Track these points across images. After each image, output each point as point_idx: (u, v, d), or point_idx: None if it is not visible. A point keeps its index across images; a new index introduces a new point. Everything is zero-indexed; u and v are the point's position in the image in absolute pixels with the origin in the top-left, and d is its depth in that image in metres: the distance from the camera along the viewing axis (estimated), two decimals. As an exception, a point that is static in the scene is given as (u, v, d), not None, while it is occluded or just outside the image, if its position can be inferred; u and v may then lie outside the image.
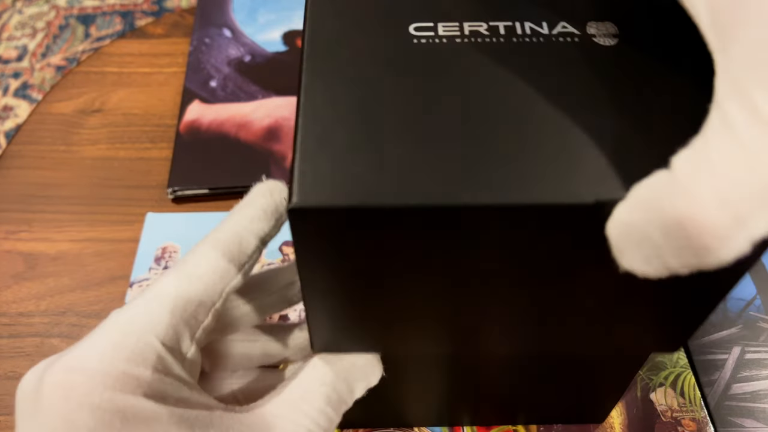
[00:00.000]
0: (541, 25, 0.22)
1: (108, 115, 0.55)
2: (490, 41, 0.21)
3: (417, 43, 0.22)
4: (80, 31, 1.57)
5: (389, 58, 0.21)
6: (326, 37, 0.22)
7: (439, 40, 0.22)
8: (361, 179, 0.18)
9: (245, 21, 0.61)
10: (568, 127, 0.19)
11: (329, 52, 0.21)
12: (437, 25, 0.22)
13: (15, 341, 0.41)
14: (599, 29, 0.22)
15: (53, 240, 0.47)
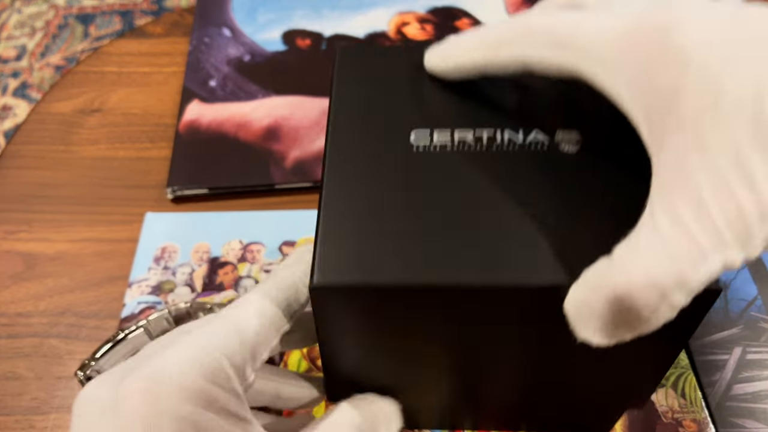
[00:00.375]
0: (518, 132, 0.26)
1: (107, 115, 0.55)
2: (475, 149, 0.26)
3: (416, 151, 0.26)
4: (79, 30, 1.56)
5: (394, 163, 0.26)
6: (345, 144, 0.26)
7: (434, 148, 0.26)
8: (369, 263, 0.23)
9: (245, 20, 0.61)
10: (535, 223, 0.23)
11: (347, 158, 0.26)
12: (433, 132, 0.26)
13: (14, 341, 0.41)
14: (564, 137, 0.26)
15: (52, 240, 0.46)
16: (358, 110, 0.28)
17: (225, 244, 0.45)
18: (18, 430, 0.37)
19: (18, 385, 0.39)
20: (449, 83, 0.28)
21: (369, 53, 0.30)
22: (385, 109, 0.28)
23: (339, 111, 0.28)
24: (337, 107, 0.28)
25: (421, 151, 0.26)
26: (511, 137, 0.26)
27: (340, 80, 0.29)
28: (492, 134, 0.26)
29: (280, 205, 0.48)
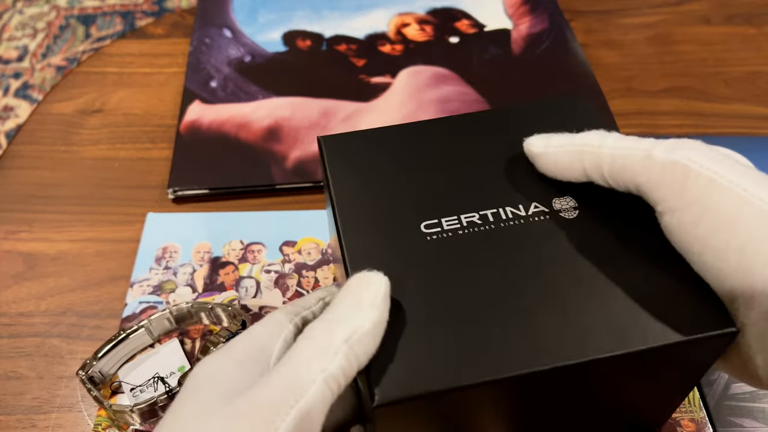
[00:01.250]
0: (519, 207, 0.27)
1: (108, 116, 0.55)
2: (484, 229, 0.27)
3: (429, 239, 0.26)
4: (81, 31, 1.57)
5: (412, 257, 0.26)
6: (362, 246, 0.27)
7: (446, 234, 0.27)
8: (424, 370, 0.23)
9: (245, 21, 0.61)
10: (565, 294, 0.25)
11: (368, 261, 0.26)
12: (441, 221, 0.27)
13: (15, 341, 0.41)
14: (562, 204, 0.28)
15: (53, 240, 0.47)
16: (364, 206, 0.28)
17: (226, 244, 0.45)
18: (19, 429, 0.38)
19: (19, 384, 0.39)
20: (437, 167, 0.29)
21: (353, 140, 0.31)
22: (388, 201, 0.28)
23: (345, 211, 0.28)
24: (342, 206, 0.28)
25: (435, 239, 0.26)
26: (514, 212, 0.27)
27: (336, 176, 0.29)
28: (496, 212, 0.27)
29: (281, 205, 0.48)
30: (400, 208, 0.28)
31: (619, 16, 0.63)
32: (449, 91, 0.54)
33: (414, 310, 0.24)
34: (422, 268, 0.26)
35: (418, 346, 0.23)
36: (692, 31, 0.61)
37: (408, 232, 0.27)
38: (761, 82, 0.56)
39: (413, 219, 0.27)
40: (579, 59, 0.56)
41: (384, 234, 0.27)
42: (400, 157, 0.30)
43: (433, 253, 0.26)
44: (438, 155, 0.30)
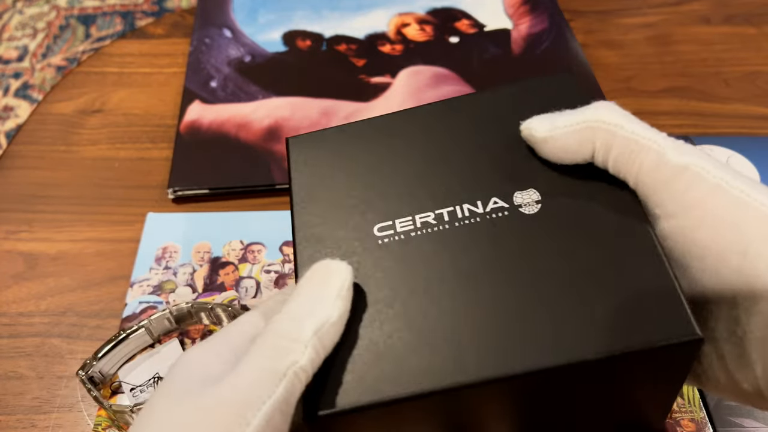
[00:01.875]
0: (476, 204, 0.26)
1: (108, 116, 0.55)
2: (439, 229, 0.25)
3: (381, 243, 0.25)
4: (81, 31, 1.57)
5: (364, 261, 0.25)
6: (311, 251, 0.26)
7: (398, 237, 0.25)
8: (369, 380, 0.22)
9: (245, 21, 0.61)
10: (506, 298, 0.23)
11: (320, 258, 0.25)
12: (395, 222, 0.26)
13: (15, 341, 0.41)
14: (524, 198, 0.26)
15: (53, 240, 0.47)
16: (320, 206, 0.27)
17: (226, 244, 0.45)
18: (20, 429, 0.38)
19: (19, 384, 0.39)
20: (396, 165, 0.28)
21: (317, 140, 0.30)
22: (346, 204, 0.27)
23: (301, 215, 0.27)
24: (298, 210, 0.27)
25: (387, 242, 0.25)
26: (471, 210, 0.26)
27: (297, 175, 0.28)
28: (452, 210, 0.26)
29: (281, 205, 0.48)
30: (356, 211, 0.27)
31: (619, 16, 0.63)
32: (449, 90, 0.54)
33: (358, 318, 0.23)
34: (370, 275, 0.25)
35: (358, 357, 0.22)
36: (692, 31, 0.61)
37: (362, 236, 0.26)
38: (761, 82, 0.56)
39: (368, 221, 0.26)
40: (579, 59, 0.56)
41: (337, 238, 0.26)
42: (364, 154, 0.29)
43: (385, 257, 0.25)
44: (404, 150, 0.28)
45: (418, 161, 0.28)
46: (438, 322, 0.23)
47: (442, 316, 0.23)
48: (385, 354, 0.22)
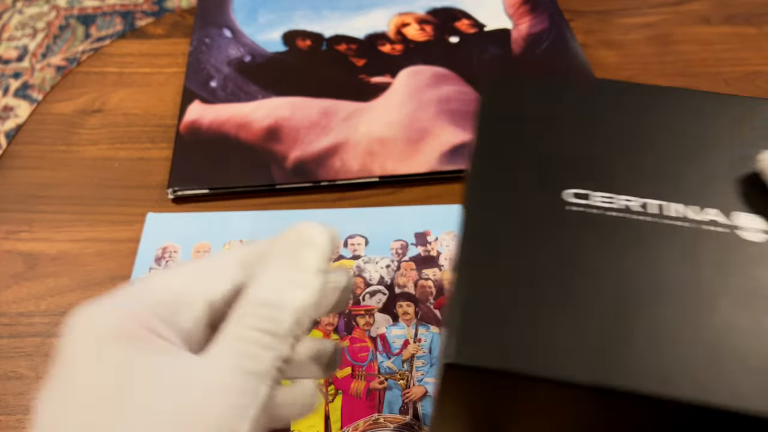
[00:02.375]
0: (692, 209, 0.23)
1: (108, 116, 0.55)
2: (640, 219, 0.23)
3: (569, 210, 0.23)
4: (80, 31, 1.57)
5: (543, 224, 0.22)
6: (488, 193, 0.23)
7: (590, 210, 0.23)
8: (516, 348, 0.20)
9: (245, 21, 0.61)
10: (705, 323, 0.20)
11: (490, 210, 0.23)
12: (590, 194, 0.23)
13: (15, 341, 0.41)
14: (749, 223, 0.23)
15: (53, 240, 0.47)
16: (506, 155, 0.25)
17: (225, 243, 0.45)
18: (20, 429, 0.38)
19: (20, 384, 0.39)
20: (615, 136, 0.25)
21: (521, 87, 0.27)
22: (537, 157, 0.25)
23: (484, 152, 0.25)
24: (482, 147, 0.25)
25: (575, 211, 0.23)
26: (681, 212, 0.23)
27: (487, 115, 0.26)
28: (661, 205, 0.23)
29: (281, 205, 0.48)
30: (550, 168, 0.24)
31: (619, 16, 0.63)
32: (449, 90, 0.54)
33: (525, 281, 0.21)
34: (550, 237, 0.22)
35: (518, 321, 0.20)
36: (692, 31, 0.61)
37: (549, 195, 0.23)
38: (761, 82, 0.56)
39: (559, 182, 0.24)
40: (579, 59, 0.56)
41: (519, 187, 0.24)
42: (575, 115, 0.26)
43: (568, 225, 0.22)
44: (623, 125, 0.25)
45: (632, 142, 0.25)
46: (616, 316, 0.21)
47: (619, 311, 0.21)
48: (544, 330, 0.20)
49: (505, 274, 0.21)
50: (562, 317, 0.20)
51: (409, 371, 0.39)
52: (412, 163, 0.49)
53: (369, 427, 0.37)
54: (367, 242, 0.45)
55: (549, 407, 0.22)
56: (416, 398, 0.38)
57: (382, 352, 0.40)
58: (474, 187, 0.24)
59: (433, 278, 0.43)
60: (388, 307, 0.42)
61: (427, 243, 0.45)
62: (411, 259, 0.44)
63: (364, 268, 0.44)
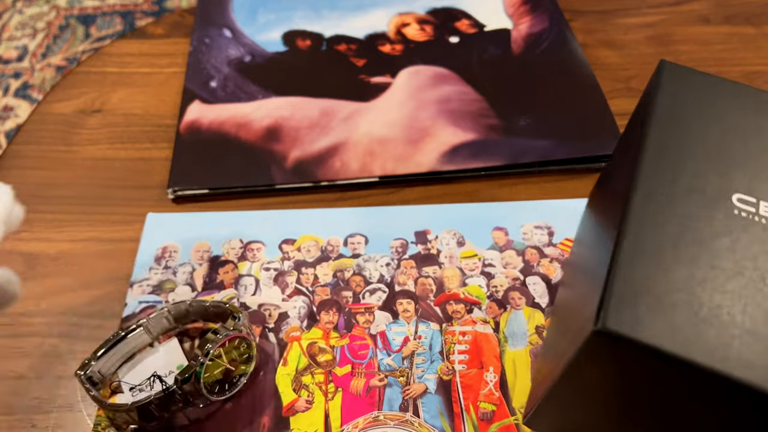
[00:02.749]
0: None
1: (108, 116, 0.55)
2: None
3: (738, 214, 0.23)
4: (80, 31, 1.57)
5: (711, 223, 0.23)
6: (657, 188, 0.24)
7: (757, 217, 0.23)
8: (662, 325, 0.20)
9: (245, 21, 0.61)
10: None
11: (656, 203, 0.23)
12: (759, 202, 0.24)
13: (15, 341, 0.41)
14: None
15: (53, 240, 0.47)
16: (677, 151, 0.25)
17: (225, 242, 0.45)
18: (19, 428, 0.38)
19: (19, 384, 0.39)
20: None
21: (701, 82, 0.27)
22: (711, 155, 0.25)
23: (656, 143, 0.25)
24: (655, 137, 0.25)
25: (743, 217, 0.23)
26: None
27: (663, 105, 0.26)
28: None
29: (281, 205, 0.48)
30: (719, 170, 0.24)
31: (618, 16, 0.63)
32: (449, 90, 0.54)
33: (693, 270, 0.22)
34: (716, 236, 0.23)
35: (678, 307, 0.21)
36: (692, 31, 0.61)
37: (717, 196, 0.24)
38: (761, 82, 0.56)
39: (729, 186, 0.24)
40: (579, 59, 0.56)
41: (689, 184, 0.24)
42: (749, 117, 0.26)
43: (738, 229, 0.23)
44: None
45: None
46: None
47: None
48: (707, 320, 0.21)
49: (667, 262, 0.22)
50: (718, 307, 0.21)
51: (409, 368, 0.39)
52: (412, 163, 0.49)
53: (369, 424, 0.37)
54: (367, 241, 0.45)
55: (672, 405, 0.22)
56: (416, 395, 0.38)
57: (382, 349, 0.40)
58: (645, 175, 0.24)
59: (432, 276, 0.43)
60: (388, 304, 0.42)
61: (427, 241, 0.45)
62: (411, 257, 0.44)
63: (364, 267, 0.44)
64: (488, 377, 0.39)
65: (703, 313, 0.21)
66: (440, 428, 0.36)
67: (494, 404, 0.37)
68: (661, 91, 0.27)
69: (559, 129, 0.50)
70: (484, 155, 0.49)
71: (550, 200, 0.47)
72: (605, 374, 0.23)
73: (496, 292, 0.42)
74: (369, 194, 0.49)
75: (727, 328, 0.21)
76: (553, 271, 0.43)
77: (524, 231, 0.46)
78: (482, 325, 0.41)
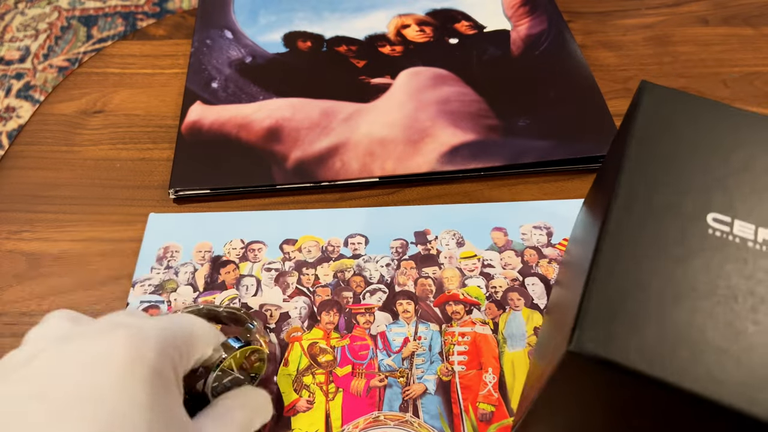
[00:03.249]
0: None
1: (110, 116, 0.55)
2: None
3: (711, 233, 0.24)
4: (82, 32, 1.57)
5: (686, 241, 0.23)
6: (634, 205, 0.24)
7: (731, 237, 0.23)
8: (644, 348, 0.21)
9: (246, 22, 0.62)
10: None
11: (633, 219, 0.24)
12: (734, 222, 0.24)
13: (17, 341, 0.42)
14: None
15: (55, 240, 0.47)
16: (655, 169, 0.25)
17: (227, 243, 0.46)
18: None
19: (22, 383, 0.40)
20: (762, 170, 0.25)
21: (681, 102, 0.28)
22: (690, 174, 0.25)
23: (635, 161, 0.25)
24: (634, 155, 0.26)
25: (717, 237, 0.24)
26: None
27: (642, 127, 0.27)
28: None
29: (282, 205, 0.48)
30: (694, 185, 0.25)
31: (617, 17, 0.63)
32: (449, 91, 0.54)
33: (657, 297, 0.22)
34: (689, 256, 0.23)
35: (665, 327, 0.21)
36: (690, 32, 0.61)
37: (690, 213, 0.24)
38: (759, 83, 0.56)
39: (702, 204, 0.24)
40: (578, 60, 0.56)
41: (664, 204, 0.24)
42: (726, 137, 0.26)
43: (712, 249, 0.23)
44: None
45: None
46: (757, 342, 0.21)
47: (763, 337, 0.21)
48: (681, 339, 0.21)
49: (642, 281, 0.22)
50: (697, 336, 0.21)
51: (409, 369, 0.39)
52: (411, 164, 0.49)
53: (369, 425, 0.37)
54: (367, 241, 0.45)
55: (648, 423, 0.23)
56: (416, 396, 0.38)
57: (382, 350, 0.40)
58: (624, 192, 0.25)
59: (432, 276, 0.43)
60: (388, 305, 0.42)
61: (426, 242, 0.45)
62: (411, 257, 0.45)
63: (364, 267, 0.44)
64: (487, 378, 0.39)
65: (676, 332, 0.21)
66: (440, 429, 0.37)
67: (493, 405, 0.38)
68: (642, 110, 0.27)
69: (558, 129, 0.51)
70: (483, 156, 0.49)
71: (549, 201, 0.48)
72: (583, 392, 0.23)
73: (495, 293, 0.43)
74: (369, 194, 0.49)
75: (699, 346, 0.21)
76: (552, 271, 0.43)
77: (523, 231, 0.46)
78: (481, 326, 0.41)
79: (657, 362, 0.20)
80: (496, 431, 0.37)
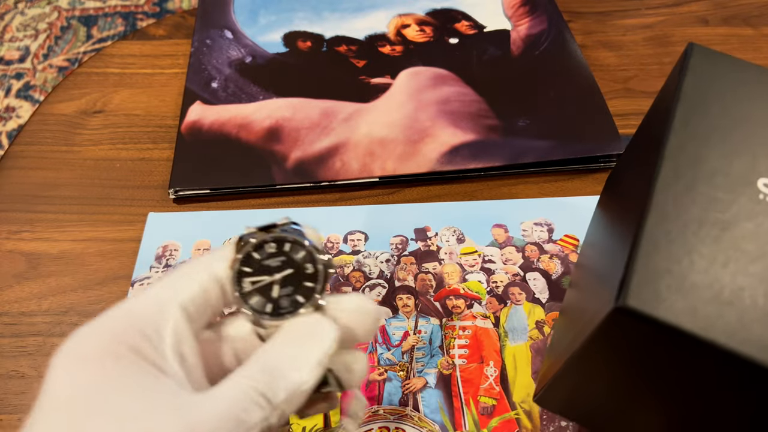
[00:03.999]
0: None
1: (110, 116, 0.55)
2: None
3: (762, 198, 0.23)
4: (82, 32, 1.57)
5: (735, 206, 0.23)
6: (682, 171, 0.24)
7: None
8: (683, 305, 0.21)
9: (246, 22, 0.62)
10: None
11: (682, 185, 0.23)
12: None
13: (17, 340, 0.42)
14: None
15: (55, 240, 0.47)
16: (704, 131, 0.25)
17: (226, 241, 0.46)
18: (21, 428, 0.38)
19: (21, 383, 0.40)
20: None
21: (728, 65, 0.27)
22: (737, 139, 0.25)
23: (682, 124, 0.25)
24: (681, 118, 0.25)
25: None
26: None
27: (690, 89, 0.26)
28: None
29: (281, 205, 0.48)
30: (745, 155, 0.24)
31: (617, 17, 0.63)
32: (449, 91, 0.54)
33: (717, 253, 0.22)
34: (741, 220, 0.23)
35: (701, 288, 0.21)
36: (690, 32, 0.61)
37: (739, 178, 0.24)
38: (759, 83, 0.56)
39: (751, 169, 0.24)
40: (578, 60, 0.56)
41: (714, 170, 0.24)
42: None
43: (761, 213, 0.23)
44: None
45: None
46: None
47: None
48: (729, 302, 0.21)
49: (690, 243, 0.22)
50: (746, 300, 0.21)
51: (408, 362, 0.39)
52: (411, 164, 0.49)
53: (369, 419, 0.37)
54: (366, 238, 0.46)
55: (688, 386, 0.22)
56: (416, 389, 0.38)
57: (382, 344, 0.40)
58: (672, 154, 0.24)
59: (432, 272, 0.43)
60: (388, 299, 0.42)
61: (426, 238, 0.45)
62: (411, 253, 0.45)
63: (364, 263, 0.44)
64: (488, 372, 0.39)
65: (725, 295, 0.21)
66: (440, 423, 0.37)
67: (495, 398, 0.38)
68: (690, 72, 0.27)
69: (558, 130, 0.51)
70: (483, 156, 0.49)
71: (549, 198, 0.48)
72: (623, 352, 0.23)
73: (496, 287, 0.43)
74: (369, 194, 0.49)
75: (749, 310, 0.21)
76: (553, 267, 0.44)
77: (524, 228, 0.46)
78: (482, 320, 0.41)
79: (704, 322, 0.20)
80: (497, 425, 0.37)
